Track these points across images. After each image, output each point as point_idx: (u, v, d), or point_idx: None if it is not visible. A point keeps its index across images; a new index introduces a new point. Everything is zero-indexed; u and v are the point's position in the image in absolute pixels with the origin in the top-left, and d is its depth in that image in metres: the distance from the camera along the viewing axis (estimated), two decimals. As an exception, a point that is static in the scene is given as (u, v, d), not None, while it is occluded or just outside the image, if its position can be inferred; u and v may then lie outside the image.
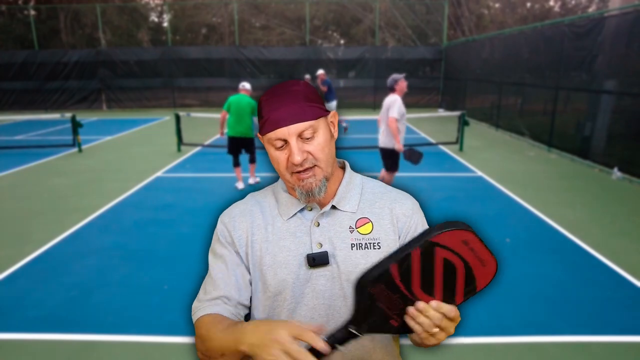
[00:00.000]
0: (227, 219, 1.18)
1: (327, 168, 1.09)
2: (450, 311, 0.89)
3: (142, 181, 7.41)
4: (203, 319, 1.09)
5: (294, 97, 1.06)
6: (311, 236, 1.11)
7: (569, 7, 28.83)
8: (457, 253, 0.87)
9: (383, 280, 0.88)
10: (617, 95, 7.95)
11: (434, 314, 0.88)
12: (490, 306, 3.54)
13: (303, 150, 1.05)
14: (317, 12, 24.20)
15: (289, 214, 1.14)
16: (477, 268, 0.88)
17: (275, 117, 1.05)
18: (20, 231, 5.28)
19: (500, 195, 6.52)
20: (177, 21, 24.14)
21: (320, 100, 1.11)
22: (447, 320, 0.90)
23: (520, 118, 11.62)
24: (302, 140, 1.06)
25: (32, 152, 10.07)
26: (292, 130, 1.04)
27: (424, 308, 0.88)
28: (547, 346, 3.08)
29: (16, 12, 22.74)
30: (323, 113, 1.09)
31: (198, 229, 5.21)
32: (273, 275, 1.11)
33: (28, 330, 3.28)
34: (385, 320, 0.92)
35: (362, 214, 1.14)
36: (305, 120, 1.05)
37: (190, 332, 3.17)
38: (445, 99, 18.23)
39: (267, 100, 1.08)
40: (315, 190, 1.08)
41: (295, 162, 1.04)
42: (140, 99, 19.37)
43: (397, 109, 5.57)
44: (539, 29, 11.03)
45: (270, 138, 1.07)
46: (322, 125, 1.09)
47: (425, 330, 0.89)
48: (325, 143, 1.08)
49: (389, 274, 0.88)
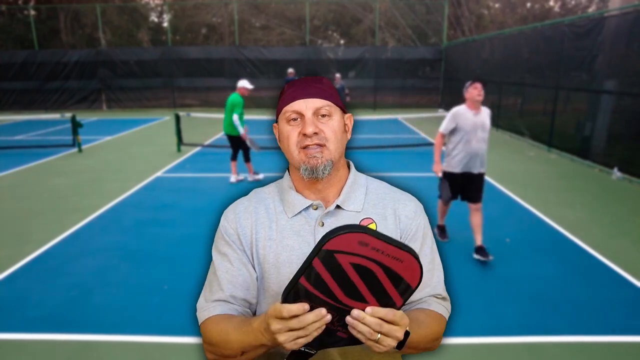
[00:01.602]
0: (231, 215, 1.17)
1: (335, 152, 1.09)
2: (387, 314, 0.86)
3: (142, 181, 7.41)
4: (213, 319, 1.08)
5: (317, 80, 1.13)
6: (315, 235, 1.10)
7: (569, 7, 28.83)
8: (364, 256, 0.84)
9: (301, 294, 0.87)
10: (617, 95, 7.95)
11: (371, 320, 0.85)
12: (490, 306, 3.54)
13: (316, 125, 1.08)
14: (317, 12, 24.20)
15: (293, 211, 1.13)
16: (396, 266, 0.86)
17: (294, 91, 1.10)
18: (20, 231, 5.28)
19: (500, 195, 6.52)
20: (177, 21, 24.14)
21: (340, 97, 1.15)
22: (387, 324, 0.86)
23: (520, 118, 11.62)
24: (318, 117, 1.08)
25: (32, 152, 10.07)
26: (310, 104, 1.08)
27: (359, 315, 0.86)
28: (547, 346, 3.08)
29: (16, 12, 22.74)
30: (341, 105, 1.14)
31: (198, 228, 5.21)
32: (276, 274, 1.10)
33: (28, 330, 3.28)
34: (331, 333, 0.91)
35: (366, 214, 1.14)
36: (324, 99, 1.09)
37: (192, 331, 3.18)
38: (445, 99, 18.22)
39: (290, 83, 1.14)
40: (320, 168, 1.07)
41: (308, 132, 1.06)
42: (140, 99, 19.37)
43: (445, 122, 4.38)
44: (539, 29, 11.03)
45: (287, 111, 1.09)
46: (339, 114, 1.13)
47: (368, 338, 0.87)
48: (338, 129, 1.11)
49: (302, 287, 0.86)
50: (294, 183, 1.16)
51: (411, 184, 6.89)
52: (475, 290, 3.78)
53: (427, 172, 7.97)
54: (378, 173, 7.04)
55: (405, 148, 10.00)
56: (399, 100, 19.11)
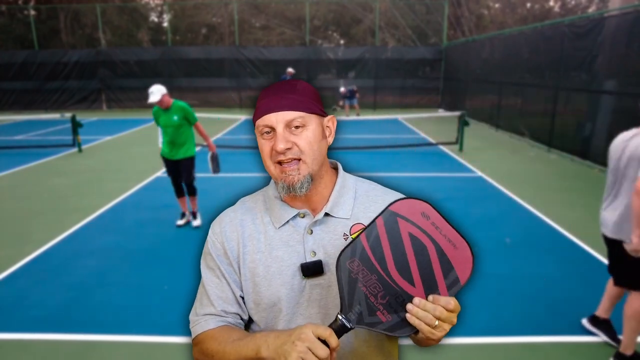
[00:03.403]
0: (217, 228, 1.15)
1: (312, 165, 1.05)
2: (448, 303, 0.88)
3: (142, 181, 7.41)
4: (208, 333, 1.09)
5: (289, 89, 1.06)
6: (304, 245, 1.08)
7: (569, 7, 28.84)
8: (422, 229, 0.89)
9: (357, 253, 0.91)
10: (617, 95, 7.95)
11: (432, 306, 0.88)
12: (490, 306, 3.54)
13: (288, 140, 1.02)
14: (317, 12, 24.19)
15: (280, 222, 1.10)
16: (449, 250, 0.88)
17: (265, 104, 1.04)
18: (20, 231, 5.28)
19: (500, 195, 6.52)
20: (177, 21, 24.14)
21: (320, 101, 1.10)
22: (447, 312, 0.88)
23: (520, 118, 11.62)
24: (290, 130, 1.03)
25: (32, 152, 10.07)
26: (280, 118, 1.02)
27: (420, 302, 0.89)
28: (547, 346, 3.08)
29: (16, 12, 22.74)
30: (318, 111, 1.07)
31: (198, 228, 5.22)
32: (267, 286, 1.08)
33: (28, 330, 3.28)
34: (371, 310, 0.92)
35: (356, 219, 1.10)
36: (294, 110, 1.03)
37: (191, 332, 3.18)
38: (445, 99, 18.23)
39: (263, 91, 1.09)
40: (297, 186, 1.03)
41: (278, 149, 1.01)
42: (140, 99, 19.32)
43: None
44: (539, 29, 11.03)
45: (259, 125, 1.05)
46: (315, 122, 1.06)
47: (427, 323, 0.88)
48: (314, 139, 1.05)
49: (360, 244, 0.91)
50: (275, 183, 1.12)
51: (411, 184, 6.89)
52: (475, 290, 3.78)
53: (427, 172, 7.98)
54: (378, 173, 7.04)
55: (405, 148, 10.00)
56: (399, 100, 19.11)
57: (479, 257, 0.89)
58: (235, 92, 19.04)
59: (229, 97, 19.18)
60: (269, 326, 1.11)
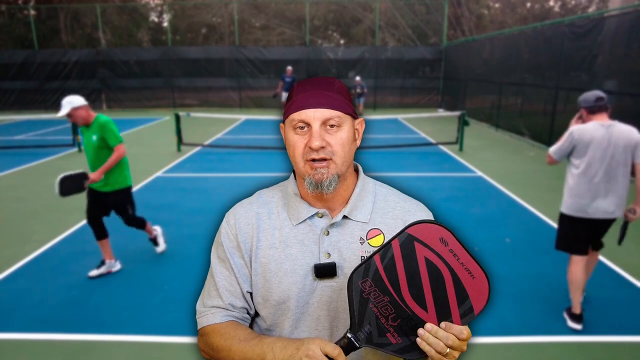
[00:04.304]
0: (232, 219, 1.13)
1: (342, 166, 1.04)
2: (461, 332, 0.88)
3: (142, 181, 7.41)
4: (215, 327, 1.08)
5: (328, 86, 1.05)
6: (320, 245, 1.07)
7: (569, 7, 28.85)
8: (439, 255, 0.86)
9: (370, 274, 0.89)
10: (617, 95, 7.95)
11: (444, 334, 0.87)
12: (491, 306, 3.54)
13: (323, 138, 1.01)
14: (317, 12, 24.20)
15: (298, 219, 1.09)
16: (466, 279, 0.87)
17: (303, 98, 1.03)
18: (21, 231, 5.28)
19: (500, 195, 6.52)
20: (177, 21, 24.15)
21: (352, 102, 1.10)
22: (459, 340, 0.88)
23: (520, 118, 11.62)
24: (326, 128, 1.02)
25: (32, 152, 10.07)
26: (318, 115, 1.01)
27: (432, 328, 0.88)
28: (547, 346, 3.08)
29: (16, 12, 22.74)
30: (351, 112, 1.07)
31: (198, 229, 5.21)
32: (278, 283, 1.07)
33: (28, 330, 3.28)
34: (381, 331, 0.91)
35: (373, 224, 1.09)
36: (334, 109, 1.02)
37: (192, 331, 3.17)
38: (445, 99, 18.23)
39: (300, 84, 1.07)
40: (325, 183, 1.03)
41: (314, 146, 1.00)
42: (140, 99, 19.36)
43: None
44: (539, 29, 11.03)
45: (294, 119, 1.03)
46: (349, 123, 1.06)
47: (438, 351, 0.87)
48: (347, 140, 1.04)
49: (374, 264, 0.89)
50: (299, 189, 1.11)
51: (411, 184, 6.89)
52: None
53: (427, 172, 7.98)
54: (378, 173, 7.06)
55: (405, 148, 10.00)
56: (399, 100, 19.12)
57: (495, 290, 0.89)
58: (235, 92, 19.04)
59: (229, 97, 19.18)
60: (276, 323, 1.10)
